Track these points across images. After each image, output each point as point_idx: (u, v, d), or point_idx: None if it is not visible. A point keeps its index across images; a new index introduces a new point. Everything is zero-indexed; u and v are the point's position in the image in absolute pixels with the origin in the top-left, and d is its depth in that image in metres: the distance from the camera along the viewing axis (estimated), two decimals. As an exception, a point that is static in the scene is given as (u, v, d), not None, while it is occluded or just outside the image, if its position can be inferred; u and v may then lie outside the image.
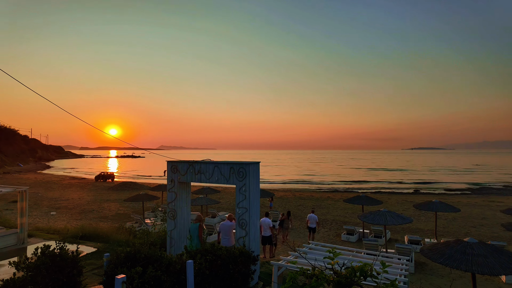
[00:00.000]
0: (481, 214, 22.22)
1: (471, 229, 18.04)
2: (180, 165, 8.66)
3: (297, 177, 64.44)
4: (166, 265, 5.59)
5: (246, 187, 7.73)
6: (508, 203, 26.55)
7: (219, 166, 8.09)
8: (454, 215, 21.18)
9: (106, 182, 48.39)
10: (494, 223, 19.39)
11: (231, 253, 6.49)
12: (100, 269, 8.20)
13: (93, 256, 9.56)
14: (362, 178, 59.98)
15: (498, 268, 5.85)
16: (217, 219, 19.41)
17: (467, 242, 6.51)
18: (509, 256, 6.13)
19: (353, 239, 15.70)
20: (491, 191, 40.37)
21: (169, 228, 8.77)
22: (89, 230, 12.25)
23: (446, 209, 14.35)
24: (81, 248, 9.76)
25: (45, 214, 21.91)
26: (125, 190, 27.46)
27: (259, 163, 8.41)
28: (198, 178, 8.35)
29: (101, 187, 39.64)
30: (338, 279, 2.67)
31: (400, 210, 23.35)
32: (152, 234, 10.41)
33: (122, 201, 27.23)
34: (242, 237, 7.76)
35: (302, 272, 2.83)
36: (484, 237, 16.10)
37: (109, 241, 11.32)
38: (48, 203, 26.71)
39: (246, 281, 6.70)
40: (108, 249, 10.04)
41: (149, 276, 5.02)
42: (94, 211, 23.57)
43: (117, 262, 5.65)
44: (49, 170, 78.38)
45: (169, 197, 8.77)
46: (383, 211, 12.62)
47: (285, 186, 46.90)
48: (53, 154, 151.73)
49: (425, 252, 6.79)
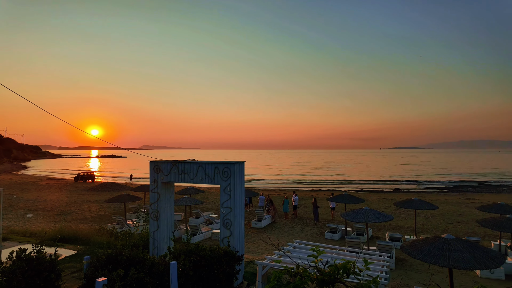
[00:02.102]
0: (457, 211, 23.08)
1: (448, 226, 18.70)
2: (163, 165, 8.54)
3: (281, 176, 64.87)
4: (149, 267, 5.51)
5: (231, 187, 7.71)
6: (482, 200, 27.71)
7: (203, 166, 8.03)
8: (433, 212, 21.89)
9: (86, 182, 47.06)
10: (469, 219, 20.18)
11: (215, 253, 6.46)
12: (80, 272, 7.98)
13: (73, 259, 9.29)
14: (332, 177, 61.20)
15: (473, 263, 6.11)
16: (201, 220, 19.26)
17: (444, 238, 6.76)
18: (483, 251, 6.41)
19: (336, 237, 15.96)
20: (467, 189, 42.00)
21: (152, 229, 8.64)
22: (68, 233, 11.90)
23: (425, 207, 14.81)
24: (59, 251, 9.43)
25: (21, 217, 21.09)
26: (106, 191, 26.81)
27: (243, 163, 8.41)
28: (182, 178, 8.26)
29: (81, 188, 38.53)
30: (321, 277, 2.70)
31: (381, 208, 23.93)
32: (135, 235, 10.22)
33: (103, 202, 26.56)
34: (227, 237, 7.74)
35: (286, 271, 2.85)
36: (460, 233, 16.74)
37: (90, 244, 11.03)
38: (25, 205, 25.71)
39: (230, 281, 6.69)
40: (89, 252, 9.78)
41: (131, 278, 4.93)
42: (74, 213, 22.89)
43: (97, 264, 5.52)
44: (26, 171, 75.44)
45: (152, 198, 8.64)
46: (365, 209, 12.89)
47: (270, 185, 47.09)
48: (30, 154, 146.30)
49: (405, 249, 6.99)
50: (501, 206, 13.58)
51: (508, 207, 13.44)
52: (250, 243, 15.13)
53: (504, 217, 11.32)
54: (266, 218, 19.21)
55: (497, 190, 39.49)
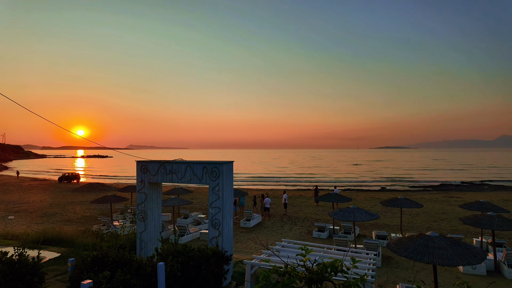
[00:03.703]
0: (441, 209, 23.66)
1: (432, 224, 19.15)
2: (150, 165, 8.44)
3: (268, 175, 65.01)
4: (136, 268, 5.43)
5: (220, 187, 7.68)
6: (465, 199, 28.50)
7: (191, 166, 7.97)
8: (418, 210, 22.38)
9: (70, 183, 46.00)
10: (453, 217, 20.72)
11: (204, 254, 6.43)
12: (65, 275, 7.80)
13: (57, 262, 9.06)
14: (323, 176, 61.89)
15: (456, 259, 6.28)
16: (189, 220, 19.11)
17: (429, 236, 6.92)
18: (466, 247, 6.60)
19: (324, 235, 16.11)
20: (450, 187, 43.10)
21: (139, 230, 8.53)
22: (52, 235, 11.60)
23: (410, 205, 15.11)
24: (43, 254, 9.22)
25: (2, 219, 20.45)
26: (92, 192, 26.23)
27: (232, 163, 8.39)
28: (170, 178, 8.18)
29: (66, 189, 37.64)
30: (310, 275, 2.73)
31: (368, 206, 24.30)
32: (121, 236, 10.06)
33: (88, 203, 26.02)
34: (216, 237, 7.71)
35: (275, 270, 2.86)
36: (444, 231, 17.17)
37: (74, 246, 10.79)
38: (6, 207, 24.93)
39: (219, 281, 6.67)
40: (73, 254, 9.57)
41: (118, 280, 4.85)
42: (58, 214, 22.33)
43: (83, 267, 5.41)
44: (7, 172, 73.17)
45: (139, 199, 8.52)
46: (352, 208, 13.06)
47: (258, 185, 47.12)
48: (11, 154, 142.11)
49: (391, 247, 7.12)
50: (483, 204, 14.00)
51: (489, 205, 13.85)
52: (239, 243, 15.12)
53: (486, 214, 11.67)
54: (255, 218, 19.24)
55: (479, 189, 40.68)
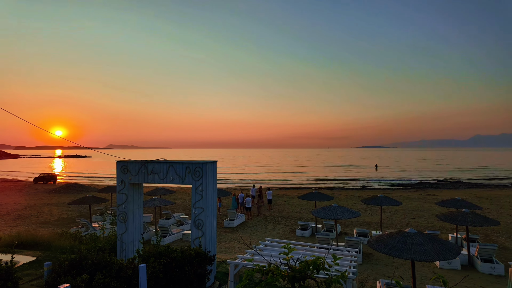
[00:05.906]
0: (419, 207, 24.46)
1: (411, 221, 19.76)
2: (131, 165, 8.26)
3: (252, 175, 65.09)
4: (117, 271, 5.30)
5: (203, 187, 7.62)
6: (441, 196, 29.59)
7: (174, 166, 7.87)
8: (397, 208, 23.04)
9: (47, 184, 44.33)
10: (430, 214, 21.47)
11: (186, 255, 6.36)
12: (40, 279, 7.51)
13: (32, 266, 8.71)
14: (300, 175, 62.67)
15: (433, 255, 6.52)
16: (171, 221, 18.85)
17: (407, 232, 7.14)
18: (442, 243, 6.86)
19: (307, 234, 16.30)
20: (427, 185, 44.61)
21: (119, 232, 8.33)
22: (26, 238, 11.14)
23: (390, 203, 15.54)
24: (17, 258, 8.85)
25: (-28, 222, 19.44)
26: (69, 193, 25.45)
27: (216, 162, 8.34)
28: (151, 178, 8.04)
29: (41, 190, 36.23)
30: (292, 273, 2.75)
31: (349, 204, 24.78)
32: (101, 238, 9.79)
33: (65, 205, 25.15)
34: (198, 238, 7.64)
35: (258, 269, 2.87)
36: (421, 227, 17.77)
37: (51, 249, 10.41)
38: (-24, 210, 23.73)
39: (202, 282, 6.62)
40: (50, 257, 9.23)
41: (97, 284, 4.72)
42: (33, 216, 21.47)
43: (60, 271, 5.22)
44: (-23, 173, 69.67)
45: (119, 199, 8.33)
46: (334, 206, 13.28)
47: (241, 185, 47.08)
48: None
49: (372, 244, 7.30)
50: (457, 201, 14.58)
51: (463, 202, 14.44)
52: (223, 243, 15.05)
53: (460, 211, 12.16)
54: (239, 217, 19.21)
55: (454, 186, 42.32)
